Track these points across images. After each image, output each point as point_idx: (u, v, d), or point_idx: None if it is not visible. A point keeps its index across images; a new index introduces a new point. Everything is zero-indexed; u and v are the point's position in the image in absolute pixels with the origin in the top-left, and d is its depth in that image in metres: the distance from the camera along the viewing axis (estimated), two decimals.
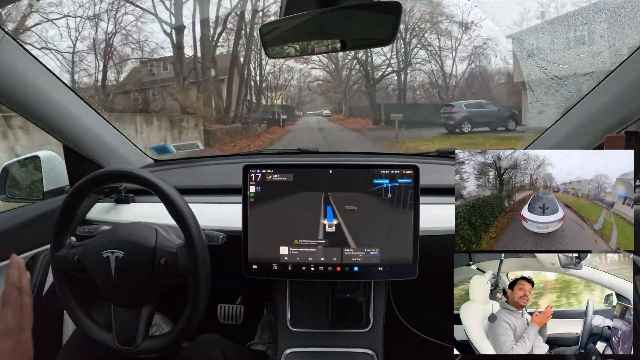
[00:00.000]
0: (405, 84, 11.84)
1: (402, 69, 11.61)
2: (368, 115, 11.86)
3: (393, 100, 12.01)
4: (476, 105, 8.97)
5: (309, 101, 15.50)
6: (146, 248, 0.69)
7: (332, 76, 13.47)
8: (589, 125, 0.82)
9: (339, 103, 14.06)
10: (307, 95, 15.26)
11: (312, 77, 14.08)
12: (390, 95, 12.24)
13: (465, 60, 10.96)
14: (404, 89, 11.82)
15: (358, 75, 12.73)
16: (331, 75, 13.48)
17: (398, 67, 11.68)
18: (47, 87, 0.82)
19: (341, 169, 0.77)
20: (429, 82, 11.61)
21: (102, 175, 0.71)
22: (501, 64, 10.56)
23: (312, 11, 0.55)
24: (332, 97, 14.53)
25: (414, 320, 1.09)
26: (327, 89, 14.27)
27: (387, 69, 11.90)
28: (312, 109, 15.27)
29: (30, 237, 0.90)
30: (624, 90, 0.74)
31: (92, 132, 0.96)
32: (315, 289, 0.87)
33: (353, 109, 13.07)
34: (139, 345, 0.69)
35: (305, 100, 15.42)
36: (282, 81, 13.39)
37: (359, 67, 12.37)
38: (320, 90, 14.78)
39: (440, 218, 0.82)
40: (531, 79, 5.91)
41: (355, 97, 13.11)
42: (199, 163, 1.24)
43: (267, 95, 12.85)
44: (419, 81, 11.77)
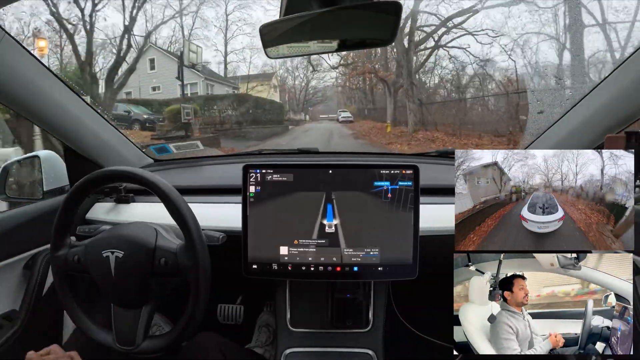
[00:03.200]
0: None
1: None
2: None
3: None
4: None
5: (320, 99, 11.77)
6: (146, 248, 0.69)
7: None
8: (589, 125, 0.82)
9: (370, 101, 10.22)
10: (318, 91, 11.49)
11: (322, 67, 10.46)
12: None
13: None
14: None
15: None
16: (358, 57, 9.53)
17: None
18: (47, 87, 0.82)
19: (341, 169, 0.77)
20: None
21: (102, 175, 0.71)
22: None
23: (312, 11, 0.55)
24: (353, 95, 10.89)
25: (414, 320, 1.09)
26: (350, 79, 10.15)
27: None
28: (325, 111, 11.67)
29: (30, 237, 0.90)
30: (624, 90, 0.74)
31: (92, 132, 0.96)
32: (315, 289, 0.87)
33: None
34: (139, 346, 0.69)
35: (315, 98, 11.75)
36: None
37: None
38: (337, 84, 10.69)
39: (440, 218, 0.82)
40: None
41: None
42: (199, 163, 1.24)
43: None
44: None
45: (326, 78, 11.61)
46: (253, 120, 9.79)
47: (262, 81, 11.62)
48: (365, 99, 11.48)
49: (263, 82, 11.60)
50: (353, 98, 11.45)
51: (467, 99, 8.91)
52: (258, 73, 11.63)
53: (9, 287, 0.88)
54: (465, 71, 9.01)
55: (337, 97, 11.54)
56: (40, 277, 0.90)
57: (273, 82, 12.10)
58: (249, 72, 11.45)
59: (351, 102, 11.51)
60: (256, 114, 10.12)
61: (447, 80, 9.28)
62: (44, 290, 0.92)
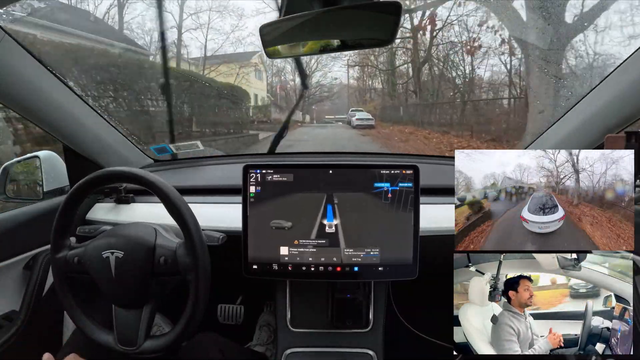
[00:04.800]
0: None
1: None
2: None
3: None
4: None
5: (327, 94, 8.02)
6: (146, 248, 0.69)
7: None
8: (589, 125, 0.82)
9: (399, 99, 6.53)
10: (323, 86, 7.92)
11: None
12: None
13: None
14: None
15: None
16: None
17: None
18: (47, 87, 0.82)
19: (341, 169, 0.77)
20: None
21: (102, 176, 0.71)
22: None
23: (312, 11, 0.55)
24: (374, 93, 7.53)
25: (414, 320, 1.09)
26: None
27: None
28: (332, 111, 8.16)
29: (30, 237, 0.90)
30: (624, 90, 0.74)
31: (92, 132, 0.96)
32: (316, 289, 0.87)
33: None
34: (140, 346, 0.69)
35: (318, 94, 8.14)
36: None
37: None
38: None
39: (440, 218, 0.82)
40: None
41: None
42: (199, 163, 1.24)
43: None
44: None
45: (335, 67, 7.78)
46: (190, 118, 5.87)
47: (233, 63, 8.15)
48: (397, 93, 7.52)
49: (230, 64, 8.16)
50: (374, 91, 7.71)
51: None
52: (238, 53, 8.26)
53: (9, 288, 0.88)
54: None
55: (348, 93, 7.97)
56: (40, 278, 0.90)
57: (254, 63, 8.47)
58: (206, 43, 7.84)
59: (371, 97, 7.81)
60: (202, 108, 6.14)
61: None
62: (44, 291, 0.92)
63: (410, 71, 7.31)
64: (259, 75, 9.50)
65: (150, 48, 7.36)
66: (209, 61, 8.36)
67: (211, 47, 8.75)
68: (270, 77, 9.82)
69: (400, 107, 7.79)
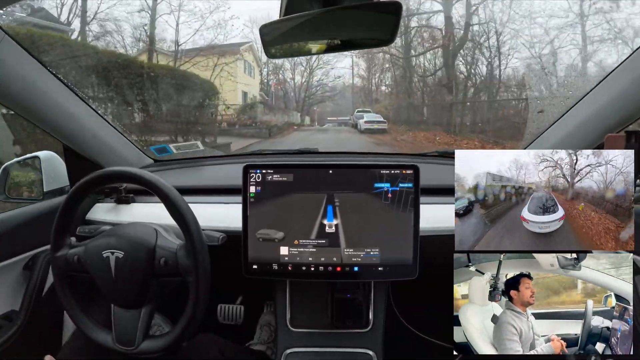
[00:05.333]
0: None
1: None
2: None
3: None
4: None
5: (330, 94, 7.12)
6: (146, 248, 0.69)
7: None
8: (589, 125, 0.82)
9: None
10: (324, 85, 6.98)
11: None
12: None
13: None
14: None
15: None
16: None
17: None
18: (47, 87, 0.82)
19: (341, 169, 0.77)
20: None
21: (102, 176, 0.71)
22: None
23: (312, 11, 0.55)
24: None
25: (414, 320, 1.09)
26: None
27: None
28: (335, 113, 7.39)
29: (30, 237, 0.90)
30: (624, 90, 0.74)
31: (92, 132, 0.96)
32: (316, 289, 0.87)
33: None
34: (139, 346, 0.69)
35: (318, 94, 7.07)
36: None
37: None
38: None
39: (440, 218, 0.82)
40: None
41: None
42: (199, 163, 1.24)
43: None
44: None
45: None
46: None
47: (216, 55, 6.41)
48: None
49: (209, 56, 6.57)
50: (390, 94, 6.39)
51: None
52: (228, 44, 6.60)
53: (9, 288, 0.88)
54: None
55: (358, 89, 6.90)
56: (40, 278, 0.90)
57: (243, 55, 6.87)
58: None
59: (379, 96, 6.62)
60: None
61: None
62: (44, 291, 0.92)
63: (437, 61, 5.75)
64: (249, 71, 7.97)
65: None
66: (187, 55, 7.07)
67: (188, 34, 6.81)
68: (266, 74, 8.23)
69: (424, 107, 6.29)
